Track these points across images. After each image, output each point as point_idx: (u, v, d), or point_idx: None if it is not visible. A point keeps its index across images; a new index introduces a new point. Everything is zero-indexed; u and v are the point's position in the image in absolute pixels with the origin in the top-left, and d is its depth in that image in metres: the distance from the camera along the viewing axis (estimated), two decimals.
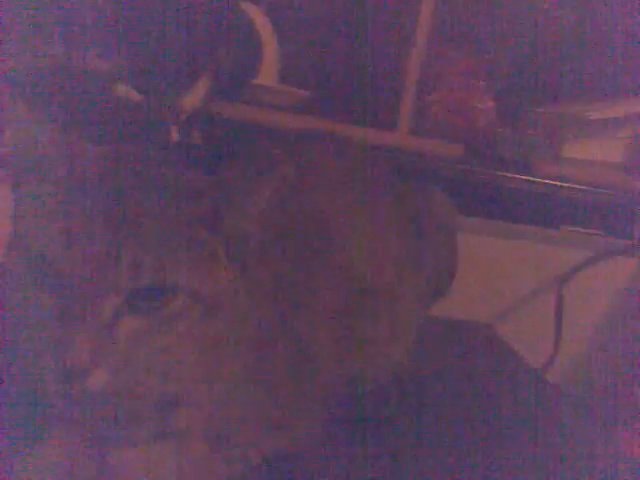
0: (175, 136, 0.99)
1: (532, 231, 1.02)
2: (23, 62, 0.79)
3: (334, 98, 1.18)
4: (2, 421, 0.49)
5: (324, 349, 0.60)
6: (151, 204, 0.42)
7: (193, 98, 1.06)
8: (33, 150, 0.44)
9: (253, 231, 0.47)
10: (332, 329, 0.60)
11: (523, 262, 0.99)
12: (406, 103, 1.15)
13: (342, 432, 0.58)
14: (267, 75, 1.13)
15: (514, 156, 1.04)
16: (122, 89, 0.98)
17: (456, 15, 1.23)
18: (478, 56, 1.25)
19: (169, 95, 1.02)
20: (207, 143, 1.01)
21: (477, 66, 1.25)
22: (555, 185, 0.99)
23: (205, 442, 0.50)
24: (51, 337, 0.40)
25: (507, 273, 0.97)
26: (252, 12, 1.09)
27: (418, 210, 0.72)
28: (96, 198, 0.41)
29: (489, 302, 0.97)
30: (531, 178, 1.00)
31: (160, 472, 0.48)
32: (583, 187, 1.00)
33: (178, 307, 0.43)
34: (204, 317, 0.44)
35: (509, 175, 1.01)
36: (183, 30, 1.01)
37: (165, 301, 0.42)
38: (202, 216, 0.44)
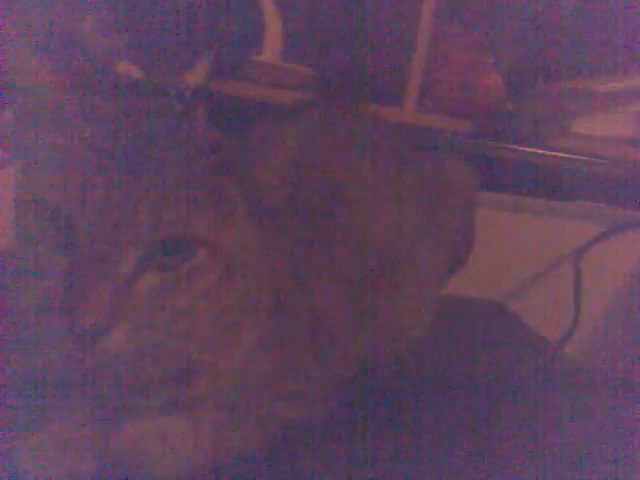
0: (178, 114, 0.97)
1: (546, 205, 1.00)
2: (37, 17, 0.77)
3: (338, 76, 1.15)
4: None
5: (341, 320, 0.58)
6: (170, 154, 0.40)
7: (195, 75, 1.04)
8: (48, 101, 0.42)
9: (275, 183, 0.45)
10: (349, 299, 0.58)
11: (537, 237, 0.97)
12: (413, 81, 1.13)
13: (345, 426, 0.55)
14: (270, 52, 1.11)
15: (524, 131, 1.01)
16: (124, 66, 0.96)
17: None
18: (482, 33, 1.22)
19: (171, 72, 1.00)
20: (211, 121, 0.99)
21: (482, 43, 1.23)
22: (567, 158, 0.97)
23: (221, 412, 0.48)
24: (66, 297, 0.38)
25: (520, 248, 0.95)
26: None
27: (438, 179, 0.70)
28: (113, 149, 0.39)
29: (501, 279, 0.95)
30: (543, 151, 0.98)
31: (175, 444, 0.46)
32: (595, 160, 0.98)
33: (199, 262, 0.41)
34: (224, 274, 0.42)
35: (520, 148, 0.99)
36: (184, 6, 0.99)
37: (185, 256, 0.40)
38: (223, 167, 0.42)
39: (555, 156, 1.00)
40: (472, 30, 1.24)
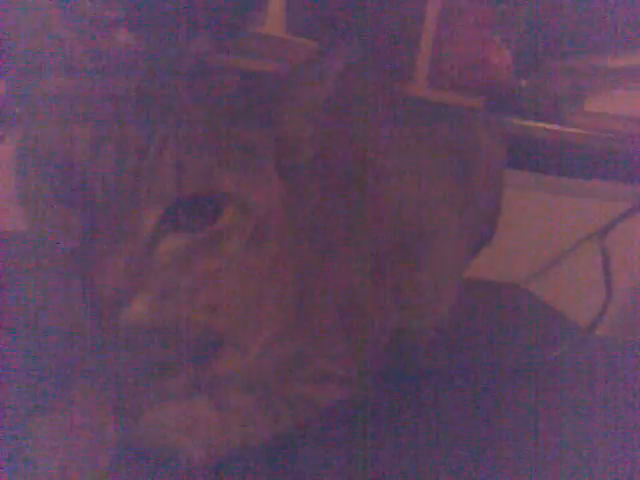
0: None
1: (565, 184, 0.96)
2: None
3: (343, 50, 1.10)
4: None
5: (368, 295, 0.53)
6: (191, 101, 0.35)
7: (194, 48, 0.99)
8: (56, 47, 0.37)
9: (305, 134, 0.40)
10: (376, 274, 0.54)
11: (557, 216, 0.93)
12: (422, 56, 1.09)
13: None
14: (273, 24, 1.06)
15: (540, 108, 0.98)
16: (123, 35, 0.91)
17: None
18: (492, 8, 1.19)
19: (171, 44, 0.96)
20: None
21: (491, 18, 1.20)
22: (584, 134, 0.94)
23: (247, 394, 0.44)
24: (80, 264, 0.33)
25: (539, 228, 0.91)
26: None
27: (467, 150, 0.65)
28: (129, 96, 0.34)
29: (522, 260, 0.91)
30: (559, 127, 0.94)
31: (200, 428, 0.41)
32: (611, 136, 0.94)
33: (227, 221, 0.36)
34: (254, 237, 0.38)
35: (536, 124, 0.95)
36: None
37: (212, 215, 0.35)
38: (252, 114, 0.38)
39: (572, 132, 0.96)
40: (481, 6, 1.21)
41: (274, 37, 1.04)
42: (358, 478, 0.42)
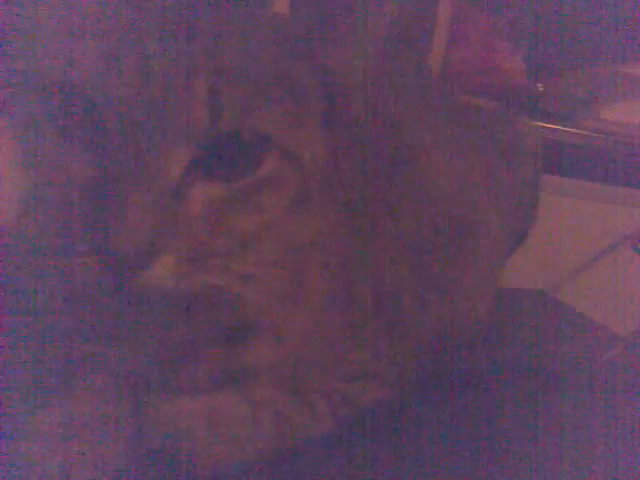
0: None
1: (590, 189, 0.93)
2: None
3: None
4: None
5: (408, 290, 0.48)
6: (232, 22, 0.29)
7: None
8: None
9: (354, 80, 0.34)
10: (418, 265, 0.48)
11: (584, 221, 0.88)
12: (435, 57, 1.07)
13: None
14: (279, 4, 1.02)
15: (558, 112, 0.95)
16: None
17: None
18: (500, 16, 1.19)
19: None
20: None
21: (500, 26, 1.19)
22: (600, 138, 0.91)
23: (283, 391, 0.37)
24: (90, 216, 0.27)
25: (565, 233, 0.86)
26: None
27: (507, 142, 0.60)
28: (154, 10, 0.29)
29: (546, 268, 0.86)
30: (576, 130, 0.91)
31: (227, 428, 0.35)
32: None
33: (269, 171, 0.30)
34: (300, 194, 0.32)
35: (554, 127, 0.92)
36: None
37: (253, 163, 0.29)
38: (302, 55, 0.32)
39: (589, 136, 0.94)
40: (488, 13, 1.21)
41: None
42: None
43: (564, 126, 0.94)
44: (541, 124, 0.91)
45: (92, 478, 0.31)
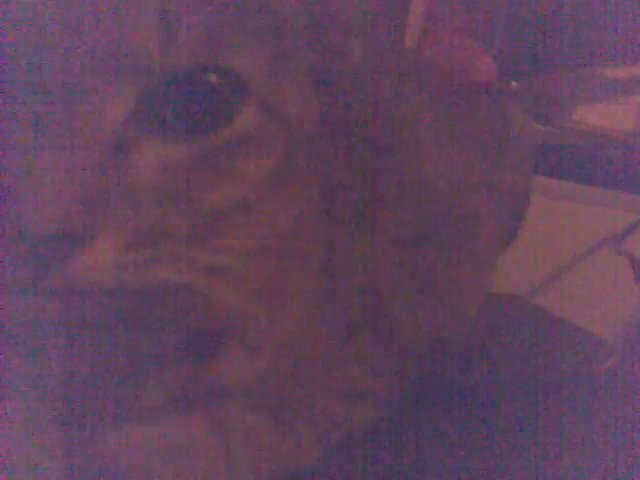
0: None
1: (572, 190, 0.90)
2: None
3: None
4: None
5: (398, 292, 0.42)
6: None
7: None
8: None
9: (355, 28, 0.28)
10: (408, 265, 0.43)
11: (572, 224, 0.85)
12: None
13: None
14: None
15: (531, 111, 0.94)
16: None
17: None
18: (472, 14, 1.17)
19: None
20: None
21: (471, 24, 1.18)
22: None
23: (260, 410, 0.30)
24: (9, 178, 0.20)
25: (549, 235, 0.82)
26: None
27: (499, 128, 0.56)
28: None
29: (528, 271, 0.82)
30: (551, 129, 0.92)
31: (189, 459, 0.28)
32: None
33: (244, 124, 0.23)
34: (285, 160, 0.25)
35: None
36: None
37: (222, 113, 0.22)
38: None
39: (566, 136, 0.95)
40: (459, 11, 1.21)
41: None
42: None
43: (539, 125, 0.92)
44: None
45: None
